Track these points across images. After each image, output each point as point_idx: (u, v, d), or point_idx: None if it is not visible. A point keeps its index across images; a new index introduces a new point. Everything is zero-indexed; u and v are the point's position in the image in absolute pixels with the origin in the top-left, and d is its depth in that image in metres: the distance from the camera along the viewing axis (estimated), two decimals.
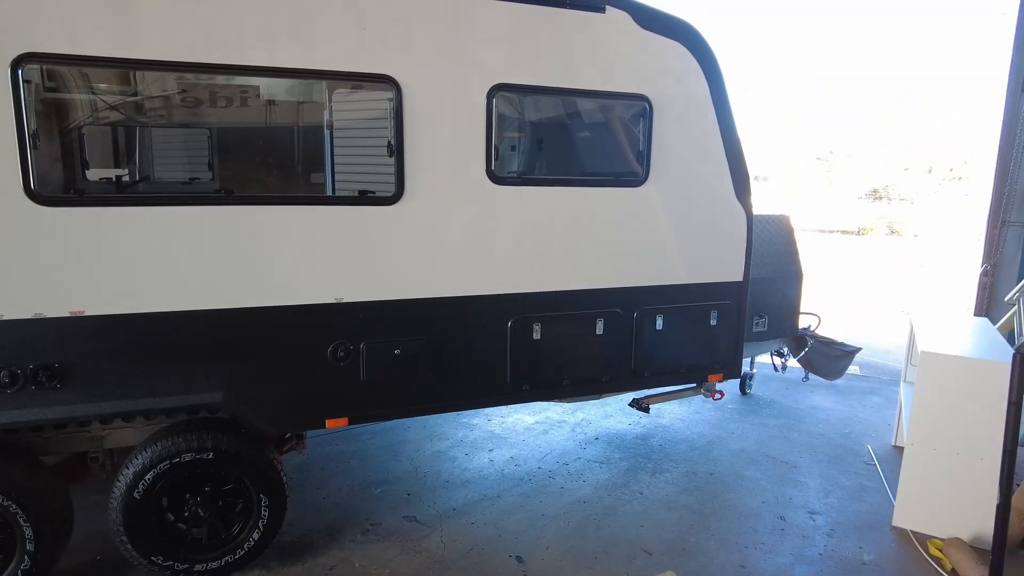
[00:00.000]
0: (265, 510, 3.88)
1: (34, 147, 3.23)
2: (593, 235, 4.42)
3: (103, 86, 4.06)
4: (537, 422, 6.37)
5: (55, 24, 3.16)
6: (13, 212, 3.21)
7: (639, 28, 4.32)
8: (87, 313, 3.40)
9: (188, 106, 4.43)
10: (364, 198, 3.91)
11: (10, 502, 3.44)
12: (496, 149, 4.10)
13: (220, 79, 4.19)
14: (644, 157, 4.48)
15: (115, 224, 3.38)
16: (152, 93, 4.20)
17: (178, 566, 3.77)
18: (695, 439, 6.08)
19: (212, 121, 4.52)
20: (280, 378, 3.77)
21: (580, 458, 5.61)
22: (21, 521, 3.48)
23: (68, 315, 3.38)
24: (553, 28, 4.09)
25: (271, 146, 4.37)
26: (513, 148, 4.56)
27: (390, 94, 3.77)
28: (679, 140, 4.57)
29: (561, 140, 4.78)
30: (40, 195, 3.25)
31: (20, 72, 3.15)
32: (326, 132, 4.36)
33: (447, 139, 3.95)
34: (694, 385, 5.23)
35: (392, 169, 3.86)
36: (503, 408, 6.67)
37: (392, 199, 3.85)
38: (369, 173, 4.18)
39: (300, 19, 3.53)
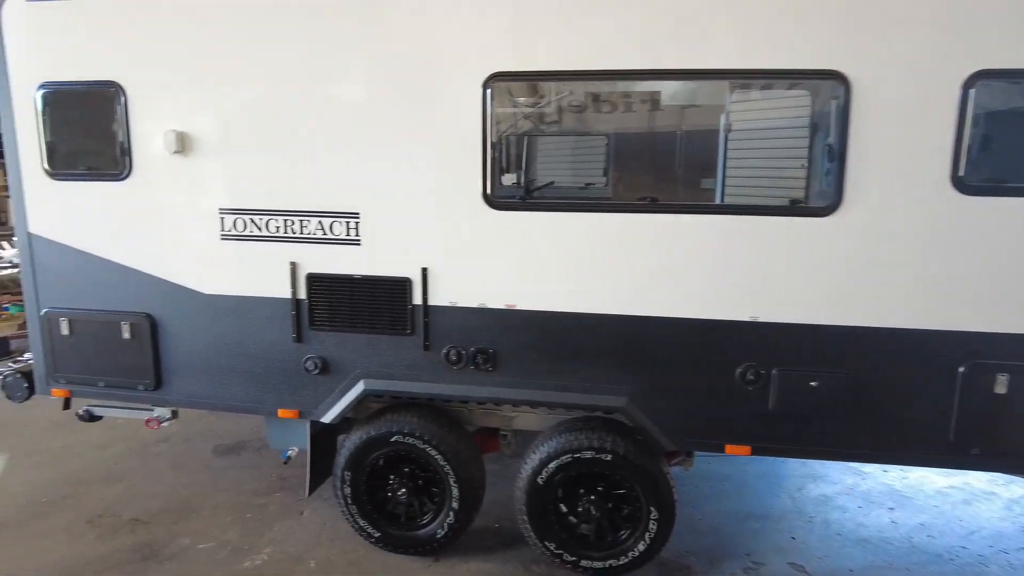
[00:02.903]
0: (653, 523, 3.79)
1: (492, 158, 3.62)
2: None
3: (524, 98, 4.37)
4: (952, 486, 5.17)
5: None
6: (476, 215, 3.64)
7: None
8: (517, 307, 3.71)
9: (596, 112, 4.55)
10: (793, 208, 3.50)
11: (445, 462, 3.98)
12: (969, 150, 3.29)
13: (636, 85, 4.18)
14: None
15: (545, 229, 3.61)
16: (564, 102, 4.38)
17: (567, 556, 3.93)
18: None
19: (612, 128, 4.59)
20: (685, 393, 3.63)
21: None
22: (451, 481, 4.01)
23: (504, 307, 3.73)
24: None
25: (685, 152, 4.23)
26: (991, 149, 3.63)
27: (836, 92, 3.29)
28: None
29: None
30: (493, 200, 3.63)
31: (489, 90, 3.53)
32: (740, 138, 4.05)
33: (903, 140, 3.29)
34: None
35: (827, 176, 3.38)
36: None
37: (827, 210, 3.36)
38: (782, 180, 3.76)
39: (744, 19, 3.29)
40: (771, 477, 5.27)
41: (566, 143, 4.67)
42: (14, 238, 11.18)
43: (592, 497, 3.89)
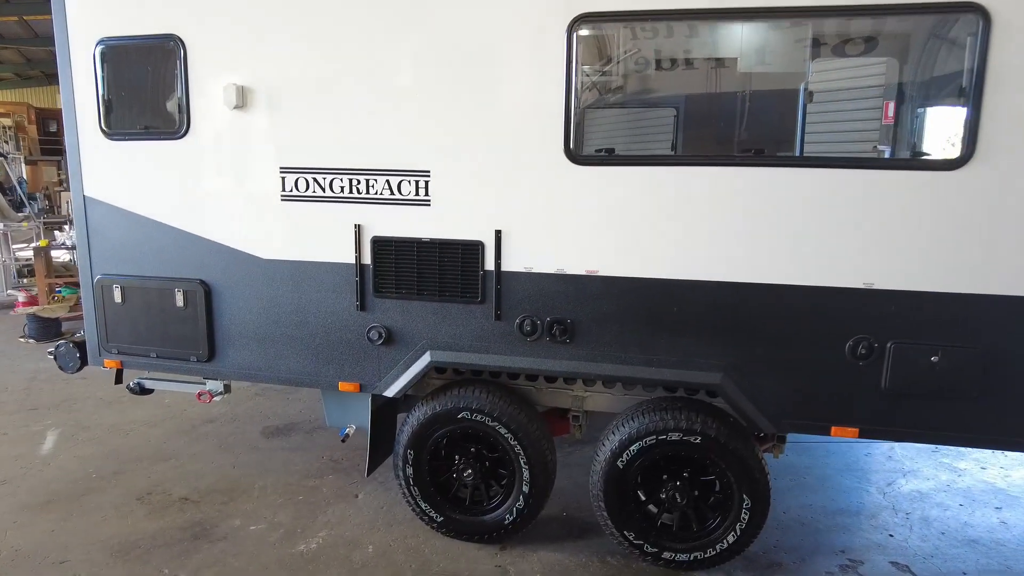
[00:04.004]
0: (745, 513, 3.45)
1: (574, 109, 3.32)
2: None
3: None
4: None
5: None
6: (557, 172, 3.35)
7: None
8: (600, 274, 3.41)
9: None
10: (916, 161, 3.14)
11: (516, 442, 3.69)
12: None
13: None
14: None
15: (635, 186, 3.30)
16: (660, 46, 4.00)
17: (647, 547, 3.61)
18: None
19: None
20: (787, 369, 3.28)
21: None
22: (521, 462, 3.72)
23: (584, 273, 3.43)
24: None
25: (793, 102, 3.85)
26: None
27: (972, 27, 2.92)
28: None
29: None
30: (576, 155, 3.33)
31: (575, 34, 3.25)
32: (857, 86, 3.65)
33: None
34: None
35: (957, 125, 3.01)
36: (1001, 455, 5.15)
37: (957, 162, 2.99)
38: (904, 129, 3.38)
39: None
40: (856, 471, 4.87)
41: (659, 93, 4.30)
42: (66, 226, 11.39)
43: (677, 483, 3.56)
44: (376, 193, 3.61)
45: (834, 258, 3.16)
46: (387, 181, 3.58)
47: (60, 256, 10.86)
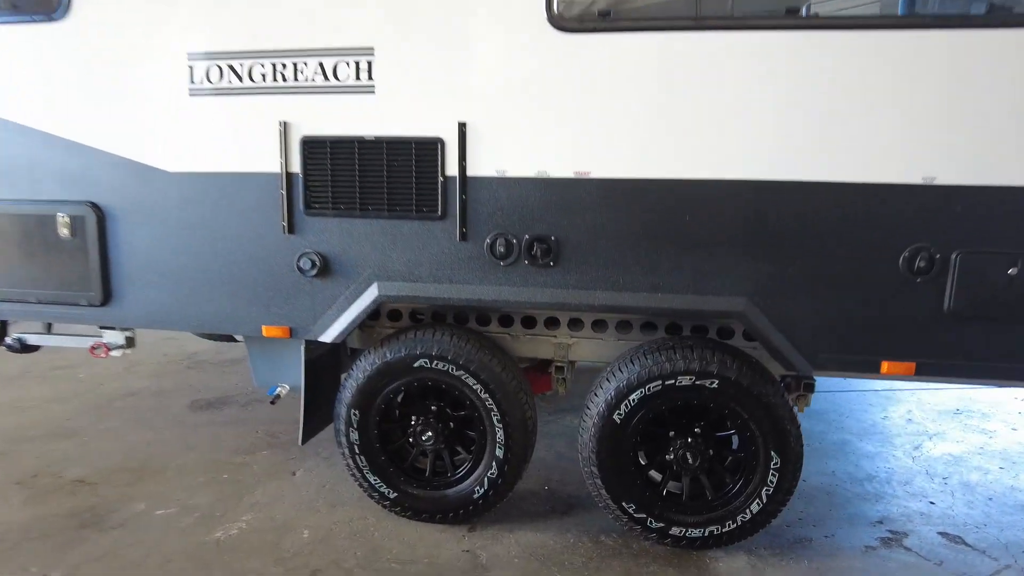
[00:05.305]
0: (773, 475, 2.78)
1: None
2: None
3: None
4: None
5: None
6: (538, 43, 2.63)
7: None
8: (592, 176, 2.70)
9: None
10: (996, 16, 2.48)
11: (487, 395, 2.96)
12: None
13: None
14: None
15: (639, 59, 2.59)
16: None
17: (652, 522, 2.91)
18: None
19: None
20: (827, 291, 2.61)
21: None
22: (495, 420, 2.99)
23: (572, 176, 2.72)
24: None
25: None
26: None
27: None
28: None
29: None
30: (563, 20, 2.61)
31: None
32: None
33: None
34: None
35: None
36: None
37: None
38: None
39: None
40: (876, 436, 4.26)
41: None
42: None
43: (688, 441, 2.88)
44: (306, 80, 2.84)
45: (885, 145, 2.50)
46: (319, 64, 2.81)
47: None
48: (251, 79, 2.89)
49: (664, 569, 2.85)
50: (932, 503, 3.41)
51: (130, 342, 3.49)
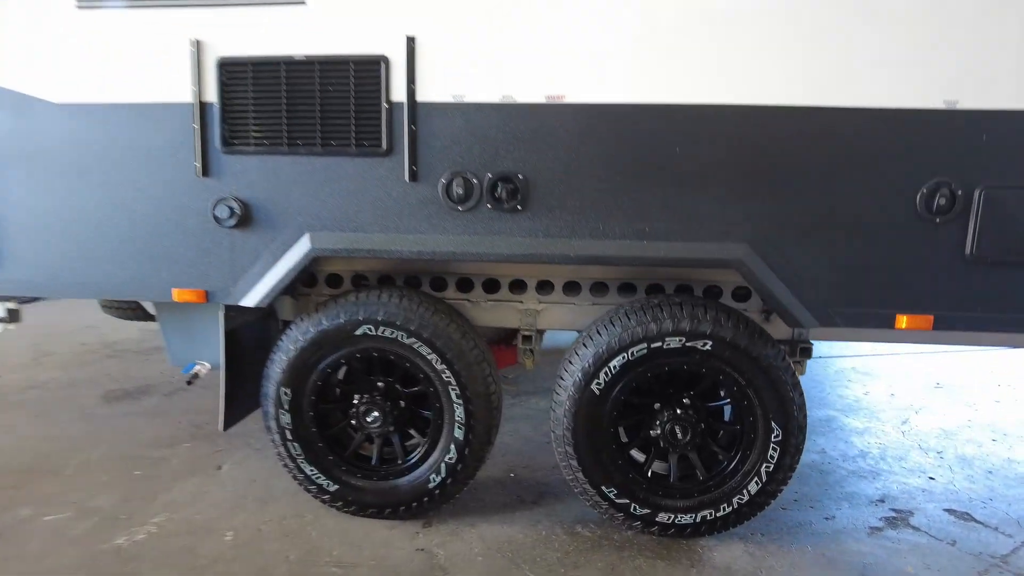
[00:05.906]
0: (774, 449, 2.44)
1: None
2: None
3: None
4: None
5: None
6: None
7: None
8: (567, 100, 2.29)
9: None
10: None
11: (444, 366, 2.52)
12: None
13: None
14: None
15: None
16: None
17: (636, 509, 2.53)
18: None
19: None
20: (836, 235, 2.27)
21: None
22: (453, 396, 2.55)
23: (544, 101, 2.30)
24: None
25: None
26: None
27: None
28: None
29: None
30: None
31: None
32: None
33: None
34: None
35: None
36: (1010, 384, 4.46)
37: None
38: None
39: None
40: (861, 411, 4.00)
41: None
42: None
43: (677, 412, 2.50)
44: None
45: (901, 66, 2.17)
46: None
47: None
48: None
49: (652, 562, 2.47)
50: (932, 478, 3.14)
51: (13, 315, 2.91)
